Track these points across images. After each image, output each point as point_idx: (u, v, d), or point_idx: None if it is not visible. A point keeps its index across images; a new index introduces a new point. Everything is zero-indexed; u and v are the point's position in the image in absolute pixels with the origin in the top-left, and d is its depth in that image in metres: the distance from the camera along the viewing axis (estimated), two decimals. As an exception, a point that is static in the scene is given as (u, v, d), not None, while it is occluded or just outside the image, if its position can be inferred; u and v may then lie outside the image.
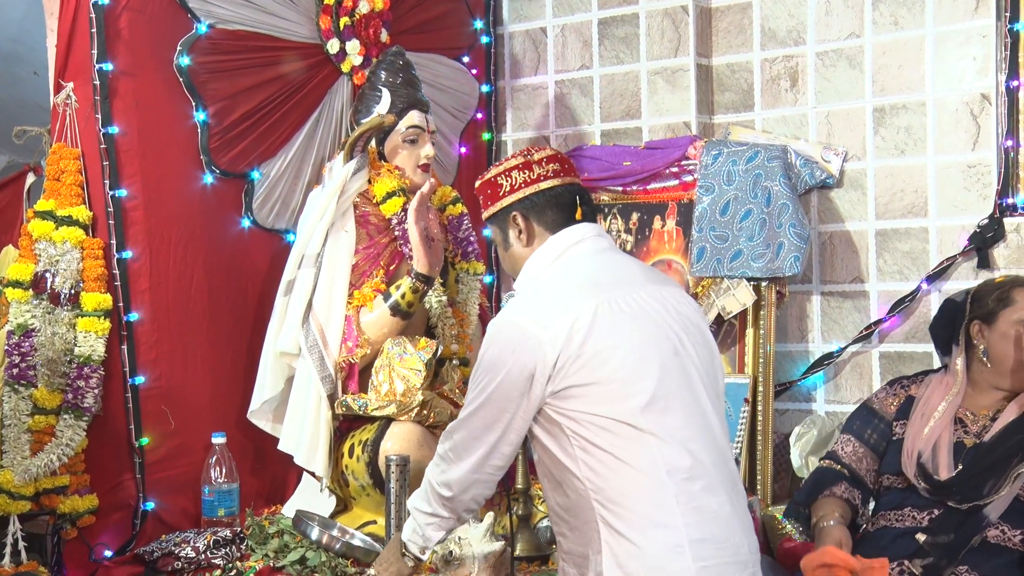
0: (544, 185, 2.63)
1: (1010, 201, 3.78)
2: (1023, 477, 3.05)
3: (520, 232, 2.65)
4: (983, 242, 3.79)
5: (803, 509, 3.35)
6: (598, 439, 2.37)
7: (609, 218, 4.30)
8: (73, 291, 3.34)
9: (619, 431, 2.37)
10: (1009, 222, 3.78)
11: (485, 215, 2.73)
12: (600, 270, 2.56)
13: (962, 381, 3.27)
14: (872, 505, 3.36)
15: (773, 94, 4.22)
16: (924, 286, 3.88)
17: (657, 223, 4.17)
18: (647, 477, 2.36)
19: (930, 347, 3.88)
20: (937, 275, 3.87)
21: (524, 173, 2.64)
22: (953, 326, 3.33)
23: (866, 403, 3.45)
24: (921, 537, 3.07)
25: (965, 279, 3.82)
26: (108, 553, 3.34)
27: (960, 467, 3.11)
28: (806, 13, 4.15)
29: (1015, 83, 3.75)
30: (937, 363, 3.84)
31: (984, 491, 3.06)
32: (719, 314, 3.89)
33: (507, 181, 2.66)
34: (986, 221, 3.80)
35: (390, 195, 3.64)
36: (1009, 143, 3.76)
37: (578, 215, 2.64)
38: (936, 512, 3.11)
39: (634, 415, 2.37)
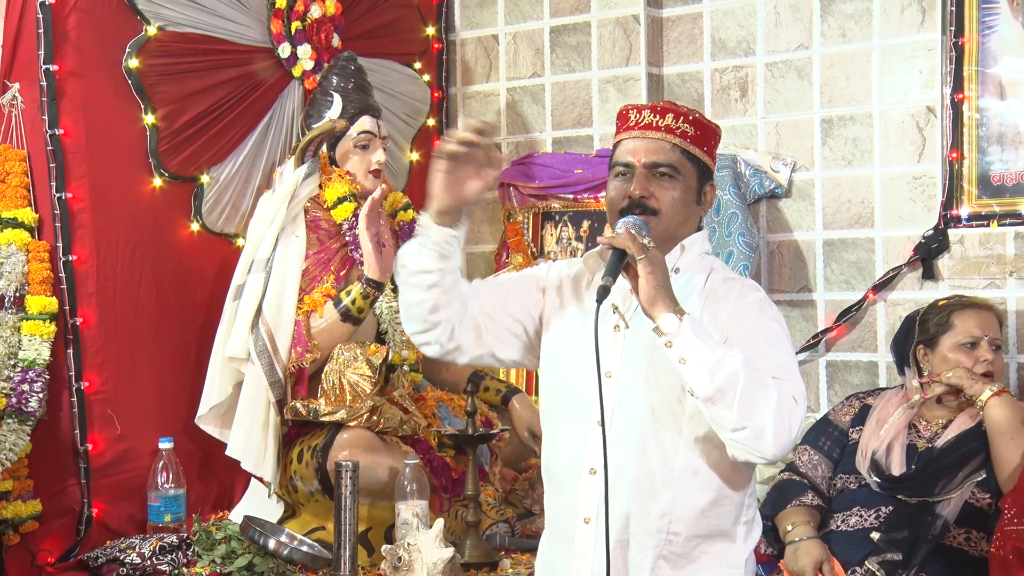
0: None
1: (954, 213, 3.83)
2: (973, 483, 3.09)
3: (704, 203, 2.51)
4: (928, 253, 3.85)
5: (768, 521, 3.37)
6: None
7: (560, 226, 4.31)
8: (18, 294, 3.29)
9: None
10: (953, 233, 3.83)
11: (696, 151, 2.46)
12: None
13: (918, 400, 3.34)
14: None
15: (723, 104, 4.26)
16: (870, 296, 3.93)
17: (608, 231, 4.18)
18: None
19: (876, 356, 3.94)
20: (883, 285, 3.92)
21: None
22: (906, 346, 3.41)
23: (824, 416, 3.52)
24: (876, 535, 3.11)
25: (910, 289, 3.88)
26: (51, 559, 3.29)
27: (912, 467, 3.16)
28: (756, 24, 4.19)
29: (960, 96, 3.81)
30: (884, 371, 3.90)
31: (935, 490, 3.10)
32: (668, 322, 3.91)
33: (716, 148, 2.55)
34: (931, 232, 3.86)
35: (341, 200, 3.62)
36: (953, 155, 3.81)
37: None
38: (885, 509, 3.15)
39: None
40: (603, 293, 2.22)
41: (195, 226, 3.72)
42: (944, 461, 3.16)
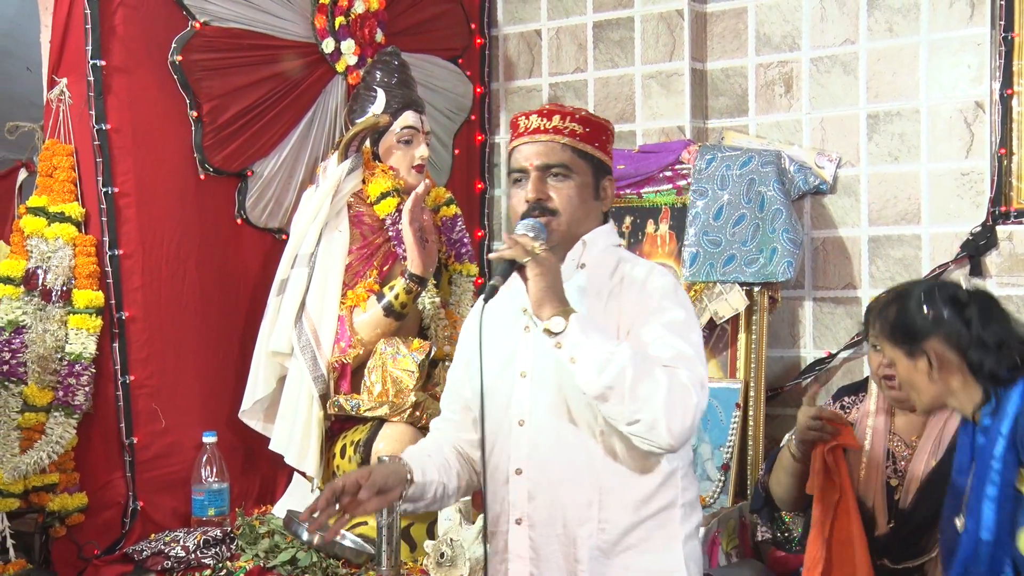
0: None
1: (1003, 209, 3.79)
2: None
3: (604, 198, 2.49)
4: (976, 250, 3.80)
5: (763, 490, 3.29)
6: None
7: (602, 221, 4.30)
8: (65, 288, 3.32)
9: None
10: (1002, 230, 3.79)
11: (587, 147, 2.44)
12: None
13: (878, 403, 3.14)
14: None
15: (767, 99, 4.23)
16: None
17: (650, 227, 4.17)
18: None
19: (922, 354, 3.89)
20: (929, 282, 3.88)
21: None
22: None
23: None
24: None
25: (958, 286, 3.83)
26: (97, 552, 3.32)
27: (891, 524, 3.00)
28: (801, 19, 4.15)
29: (1009, 91, 3.76)
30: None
31: (922, 549, 2.95)
32: (711, 318, 3.89)
33: (611, 144, 2.54)
34: (979, 229, 3.81)
35: (384, 195, 3.63)
36: (1002, 151, 3.76)
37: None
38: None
39: None
40: (490, 292, 2.26)
41: (239, 221, 3.74)
42: (919, 518, 2.96)
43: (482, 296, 2.28)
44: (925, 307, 2.59)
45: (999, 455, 2.47)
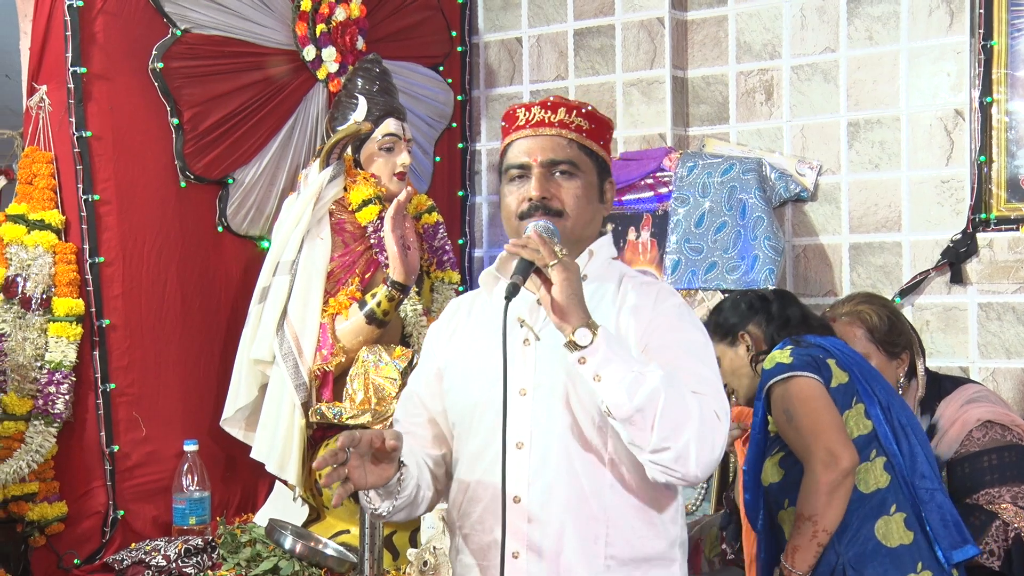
0: None
1: (983, 216, 3.81)
2: None
3: (606, 201, 2.33)
4: (956, 257, 3.82)
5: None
6: None
7: (584, 229, 4.30)
8: (44, 296, 3.30)
9: None
10: (982, 237, 3.81)
11: (593, 145, 2.28)
12: None
13: None
14: None
15: (748, 107, 4.24)
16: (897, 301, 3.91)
17: (632, 234, 4.18)
18: None
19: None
20: (910, 290, 3.89)
21: None
22: None
23: None
24: None
25: (938, 294, 3.85)
26: (77, 561, 3.30)
27: None
28: (781, 27, 4.17)
29: (988, 99, 3.78)
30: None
31: None
32: (693, 326, 3.90)
33: (610, 144, 2.37)
34: (959, 236, 3.83)
35: (366, 203, 3.62)
36: (982, 159, 3.79)
37: None
38: None
39: None
40: (512, 291, 2.03)
41: (220, 228, 3.72)
42: None
43: (504, 296, 2.04)
44: (734, 307, 3.12)
45: (756, 396, 2.94)
